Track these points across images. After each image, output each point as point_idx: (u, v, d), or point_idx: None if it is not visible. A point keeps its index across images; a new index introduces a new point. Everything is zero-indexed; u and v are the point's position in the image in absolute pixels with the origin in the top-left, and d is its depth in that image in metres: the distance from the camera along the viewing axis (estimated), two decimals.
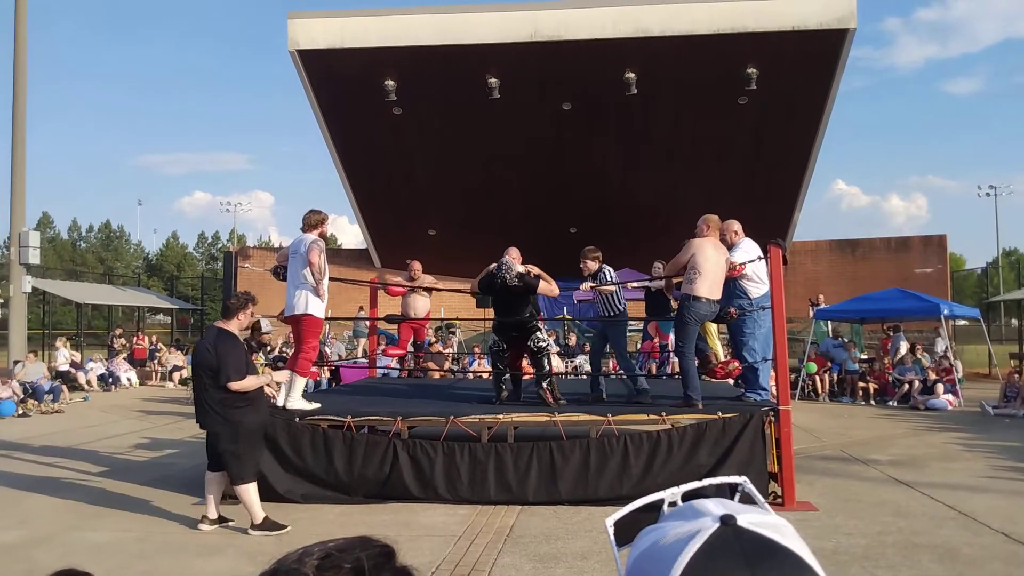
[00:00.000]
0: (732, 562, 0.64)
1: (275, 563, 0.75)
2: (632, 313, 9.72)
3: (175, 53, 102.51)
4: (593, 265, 8.30)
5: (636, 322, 13.33)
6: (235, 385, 6.01)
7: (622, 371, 8.73)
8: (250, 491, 6.12)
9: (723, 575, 0.63)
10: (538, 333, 7.89)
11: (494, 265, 7.93)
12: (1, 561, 5.42)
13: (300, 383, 7.47)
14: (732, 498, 0.84)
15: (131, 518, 6.50)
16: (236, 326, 6.32)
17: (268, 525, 6.04)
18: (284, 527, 6.05)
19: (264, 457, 6.96)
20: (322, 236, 7.48)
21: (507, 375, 8.13)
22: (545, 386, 7.73)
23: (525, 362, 8.30)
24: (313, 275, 7.16)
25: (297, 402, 7.33)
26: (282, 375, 7.22)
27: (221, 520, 6.28)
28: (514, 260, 7.91)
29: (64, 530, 6.18)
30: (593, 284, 8.33)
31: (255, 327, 10.04)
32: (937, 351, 16.57)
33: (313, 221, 7.43)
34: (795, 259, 23.32)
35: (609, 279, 8.29)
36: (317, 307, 7.27)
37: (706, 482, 0.79)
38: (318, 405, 7.45)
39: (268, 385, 6.75)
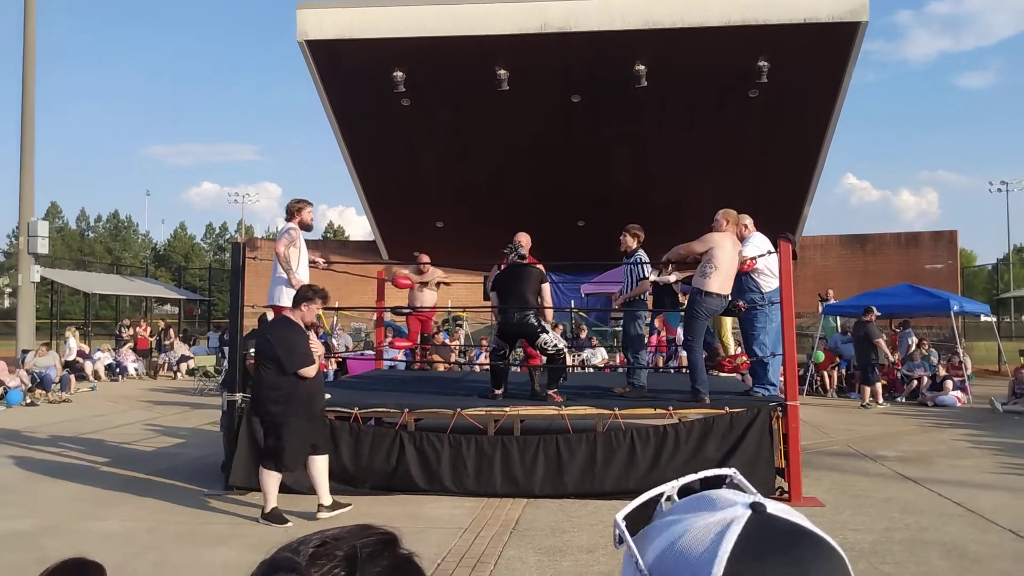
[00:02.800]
0: (777, 556, 0.61)
1: (274, 552, 0.74)
2: None
3: (183, 43, 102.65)
4: (632, 242, 8.23)
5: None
6: (302, 371, 6.04)
7: (628, 359, 8.57)
8: (273, 479, 6.11)
9: (773, 570, 0.60)
10: (545, 336, 7.55)
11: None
12: (13, 549, 5.45)
13: None
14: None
15: (140, 507, 6.53)
16: (298, 316, 6.28)
17: (275, 517, 6.06)
18: (287, 522, 6.06)
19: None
20: (303, 224, 7.34)
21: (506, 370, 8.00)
22: (554, 390, 7.62)
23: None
24: (281, 266, 7.07)
25: None
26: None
27: (336, 506, 6.28)
28: (523, 244, 7.89)
29: (74, 519, 6.21)
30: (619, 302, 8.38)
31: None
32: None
33: (292, 209, 7.32)
34: (804, 254, 23.19)
35: (642, 262, 8.22)
36: (290, 298, 7.09)
37: (700, 475, 0.75)
38: (328, 396, 7.43)
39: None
